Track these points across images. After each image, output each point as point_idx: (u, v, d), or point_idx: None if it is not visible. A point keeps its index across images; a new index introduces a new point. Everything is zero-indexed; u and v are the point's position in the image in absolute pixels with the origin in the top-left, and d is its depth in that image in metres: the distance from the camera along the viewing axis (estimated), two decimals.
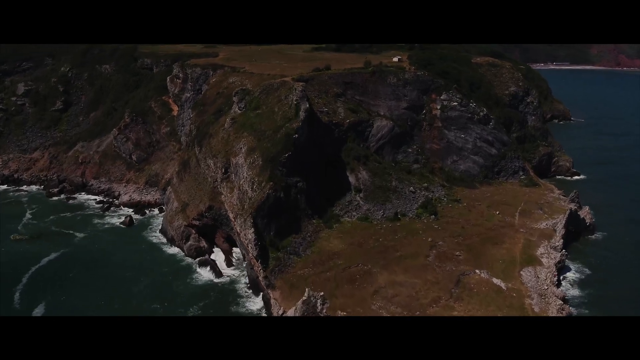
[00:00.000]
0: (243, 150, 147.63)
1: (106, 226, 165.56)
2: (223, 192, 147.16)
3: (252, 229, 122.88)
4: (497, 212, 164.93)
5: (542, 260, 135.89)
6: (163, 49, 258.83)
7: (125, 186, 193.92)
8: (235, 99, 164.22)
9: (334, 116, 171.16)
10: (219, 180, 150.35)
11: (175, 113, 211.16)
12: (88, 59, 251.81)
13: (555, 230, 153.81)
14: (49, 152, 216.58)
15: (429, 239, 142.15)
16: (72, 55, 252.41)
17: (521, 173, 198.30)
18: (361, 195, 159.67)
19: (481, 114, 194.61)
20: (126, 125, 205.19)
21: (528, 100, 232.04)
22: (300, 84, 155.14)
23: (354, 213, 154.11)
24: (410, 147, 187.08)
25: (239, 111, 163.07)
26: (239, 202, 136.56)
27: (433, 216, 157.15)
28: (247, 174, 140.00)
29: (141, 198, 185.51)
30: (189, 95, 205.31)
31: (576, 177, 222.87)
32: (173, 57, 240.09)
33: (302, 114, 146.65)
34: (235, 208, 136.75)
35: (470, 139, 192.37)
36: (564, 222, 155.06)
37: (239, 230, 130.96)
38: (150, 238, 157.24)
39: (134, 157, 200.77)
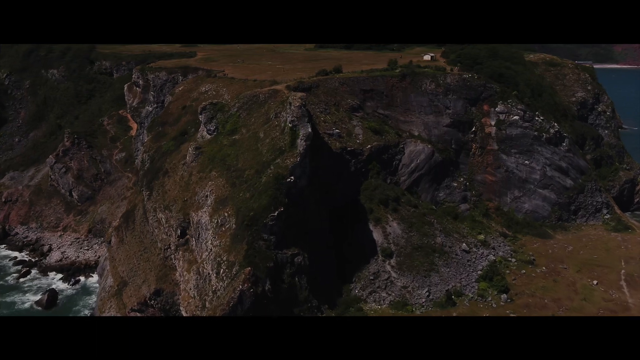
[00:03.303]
0: (209, 201, 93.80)
1: (11, 309, 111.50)
2: (178, 268, 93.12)
3: None
4: (595, 282, 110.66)
5: None
6: (129, 49, 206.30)
7: (60, 236, 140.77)
8: (202, 117, 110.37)
9: (349, 140, 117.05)
10: (172, 247, 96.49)
11: (134, 133, 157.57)
12: (32, 62, 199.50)
13: None
14: None
15: None
16: (11, 58, 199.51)
17: (605, 211, 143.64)
18: (392, 262, 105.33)
19: (551, 131, 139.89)
20: (66, 150, 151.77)
21: (599, 109, 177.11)
22: (299, 94, 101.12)
23: (384, 294, 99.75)
24: (455, 179, 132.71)
25: (208, 135, 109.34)
26: (198, 295, 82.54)
27: (504, 295, 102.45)
28: (211, 244, 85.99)
29: (77, 256, 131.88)
30: (150, 109, 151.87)
31: None
32: (139, 59, 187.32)
33: (301, 144, 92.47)
34: (192, 305, 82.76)
35: (537, 166, 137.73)
36: None
37: None
38: None
39: (74, 195, 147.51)
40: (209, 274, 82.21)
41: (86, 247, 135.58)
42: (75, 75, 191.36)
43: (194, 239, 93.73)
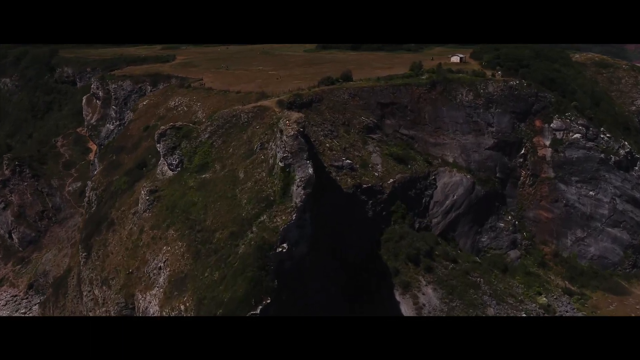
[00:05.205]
0: (161, 277, 63.07)
1: None
2: None
3: None
4: None
5: None
6: (100, 52, 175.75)
7: None
8: (160, 147, 79.40)
9: (365, 174, 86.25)
10: None
11: (92, 156, 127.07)
12: None
13: None
14: None
15: None
16: None
17: None
18: None
19: (621, 152, 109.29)
20: (5, 180, 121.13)
21: None
22: (295, 116, 69.95)
23: None
24: (501, 218, 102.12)
25: (170, 172, 78.45)
26: None
27: None
28: None
29: None
30: (111, 127, 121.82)
31: None
32: (107, 64, 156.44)
33: (297, 193, 61.41)
34: None
35: (605, 198, 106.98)
36: None
37: None
38: None
39: (15, 237, 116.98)
40: None
41: (23, 309, 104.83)
42: (31, 84, 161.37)
43: None
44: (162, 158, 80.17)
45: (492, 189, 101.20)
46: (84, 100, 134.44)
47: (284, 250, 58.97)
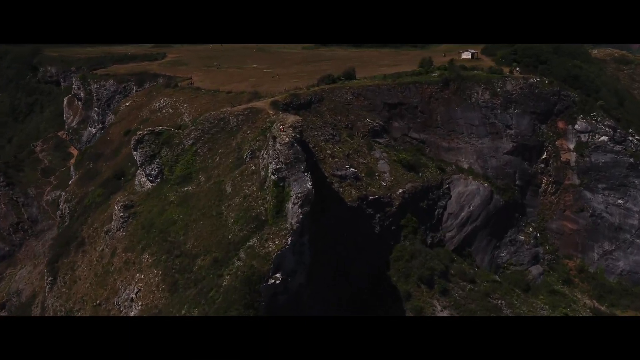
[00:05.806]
0: (133, 312, 53.51)
1: None
2: None
3: None
4: None
5: None
6: (85, 51, 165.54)
7: None
8: (137, 155, 69.34)
9: (371, 183, 76.36)
10: None
11: (73, 162, 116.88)
12: None
13: None
14: None
15: None
16: None
17: None
18: None
19: None
20: None
21: None
22: (290, 119, 60.08)
23: None
24: (522, 231, 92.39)
25: (149, 184, 68.41)
26: None
27: None
28: None
29: None
30: (93, 130, 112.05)
31: None
32: (93, 63, 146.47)
33: (293, 212, 51.34)
34: None
35: (635, 207, 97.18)
36: None
37: None
38: None
39: None
40: None
41: None
42: (12, 85, 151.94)
43: None
44: (139, 168, 70.17)
45: (512, 199, 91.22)
46: (64, 102, 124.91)
47: (278, 282, 49.11)
